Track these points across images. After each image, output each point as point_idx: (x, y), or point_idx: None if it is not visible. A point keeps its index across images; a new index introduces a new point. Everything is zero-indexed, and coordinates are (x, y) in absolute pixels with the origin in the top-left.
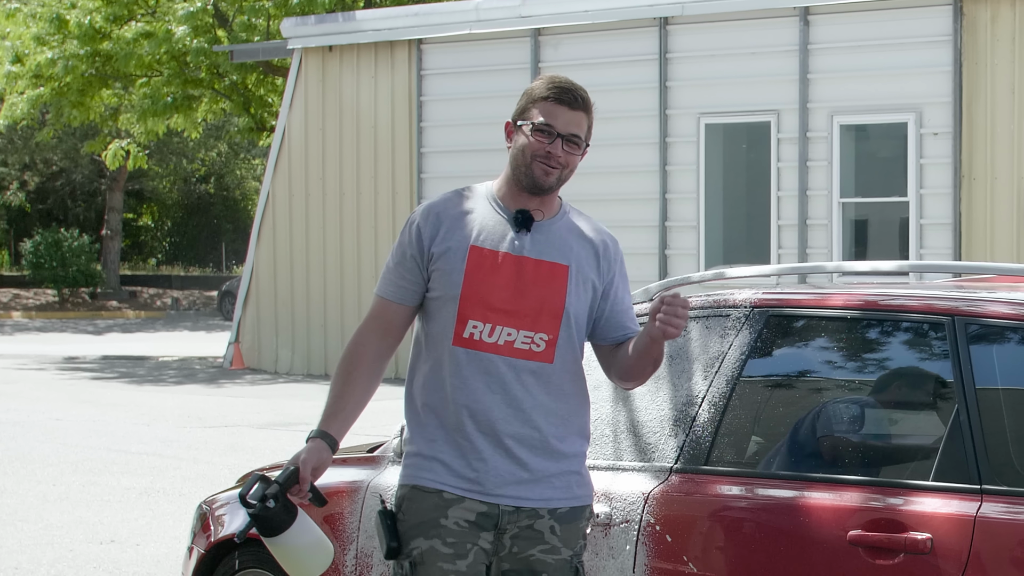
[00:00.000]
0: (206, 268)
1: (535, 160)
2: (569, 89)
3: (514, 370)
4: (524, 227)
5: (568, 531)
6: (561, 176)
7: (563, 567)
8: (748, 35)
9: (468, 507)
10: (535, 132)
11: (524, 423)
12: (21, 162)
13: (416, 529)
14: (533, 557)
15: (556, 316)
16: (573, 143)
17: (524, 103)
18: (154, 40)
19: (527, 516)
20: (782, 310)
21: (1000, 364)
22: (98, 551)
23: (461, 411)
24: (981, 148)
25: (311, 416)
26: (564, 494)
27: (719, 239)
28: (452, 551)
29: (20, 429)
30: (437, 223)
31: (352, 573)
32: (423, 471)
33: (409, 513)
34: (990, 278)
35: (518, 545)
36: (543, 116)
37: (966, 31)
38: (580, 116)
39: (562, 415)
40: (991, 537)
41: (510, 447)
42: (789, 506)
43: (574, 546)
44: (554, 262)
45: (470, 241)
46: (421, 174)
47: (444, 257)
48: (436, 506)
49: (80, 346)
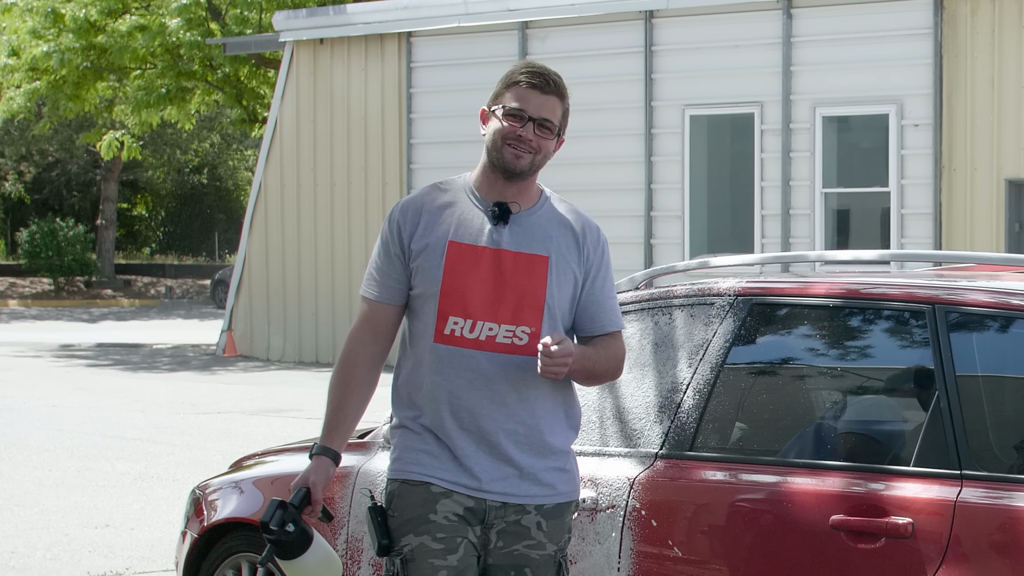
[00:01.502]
0: (199, 257)
1: (506, 143)
2: (541, 73)
3: (497, 365)
4: (502, 219)
5: (554, 526)
6: (534, 161)
7: (547, 562)
8: (732, 28)
9: (457, 500)
10: (506, 116)
11: (508, 418)
12: (18, 153)
13: (406, 526)
14: (518, 552)
15: (537, 308)
16: (545, 127)
17: (498, 89)
18: (148, 33)
19: (514, 511)
20: (765, 298)
21: (980, 351)
22: (93, 535)
23: (443, 408)
24: (961, 139)
25: (302, 402)
26: (550, 491)
27: (704, 229)
28: (443, 546)
29: (16, 415)
30: (416, 219)
31: (343, 556)
32: (411, 464)
33: (399, 509)
34: (970, 267)
35: (504, 540)
36: (515, 101)
37: (946, 24)
38: (553, 101)
39: (549, 408)
40: (971, 522)
41: (495, 443)
42: (772, 491)
43: (559, 540)
44: (533, 253)
45: (448, 236)
46: (411, 165)
47: (423, 254)
48: (425, 500)
49: (75, 334)
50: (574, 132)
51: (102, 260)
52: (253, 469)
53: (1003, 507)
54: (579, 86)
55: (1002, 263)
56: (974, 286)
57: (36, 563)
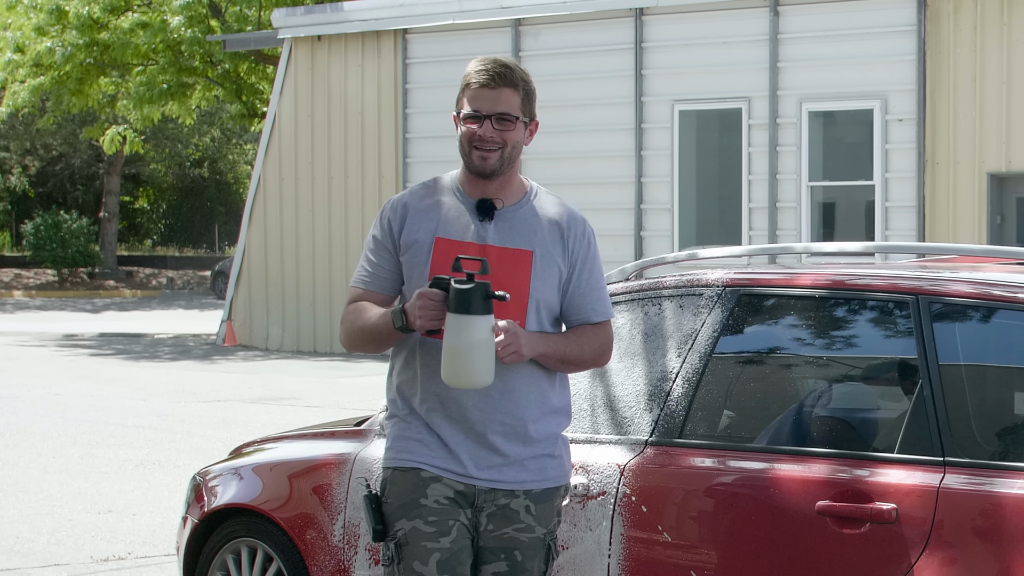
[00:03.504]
0: (200, 249)
1: (472, 147)
2: (487, 70)
3: None
4: (487, 216)
5: (543, 510)
6: (504, 155)
7: (536, 545)
8: (720, 25)
9: (447, 484)
10: (464, 121)
11: (495, 409)
12: (22, 148)
13: (399, 511)
14: (507, 535)
15: (522, 302)
16: (503, 120)
17: (458, 95)
18: (150, 30)
19: (503, 496)
20: (753, 289)
21: (962, 341)
22: (96, 521)
23: (432, 399)
24: (944, 134)
25: (300, 391)
26: (538, 476)
27: (692, 221)
28: (435, 529)
29: (21, 404)
30: (404, 216)
31: (340, 541)
32: (402, 453)
33: (392, 496)
34: (952, 258)
35: (493, 523)
36: (469, 104)
37: (929, 21)
38: (505, 92)
39: (535, 399)
40: (953, 507)
41: (482, 433)
42: (760, 477)
43: (548, 524)
44: (517, 248)
45: (435, 233)
46: (406, 158)
47: (412, 250)
48: (416, 486)
49: (79, 324)
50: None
51: (105, 252)
52: (252, 456)
53: (985, 493)
54: (571, 82)
55: (984, 255)
56: (957, 277)
57: (40, 548)
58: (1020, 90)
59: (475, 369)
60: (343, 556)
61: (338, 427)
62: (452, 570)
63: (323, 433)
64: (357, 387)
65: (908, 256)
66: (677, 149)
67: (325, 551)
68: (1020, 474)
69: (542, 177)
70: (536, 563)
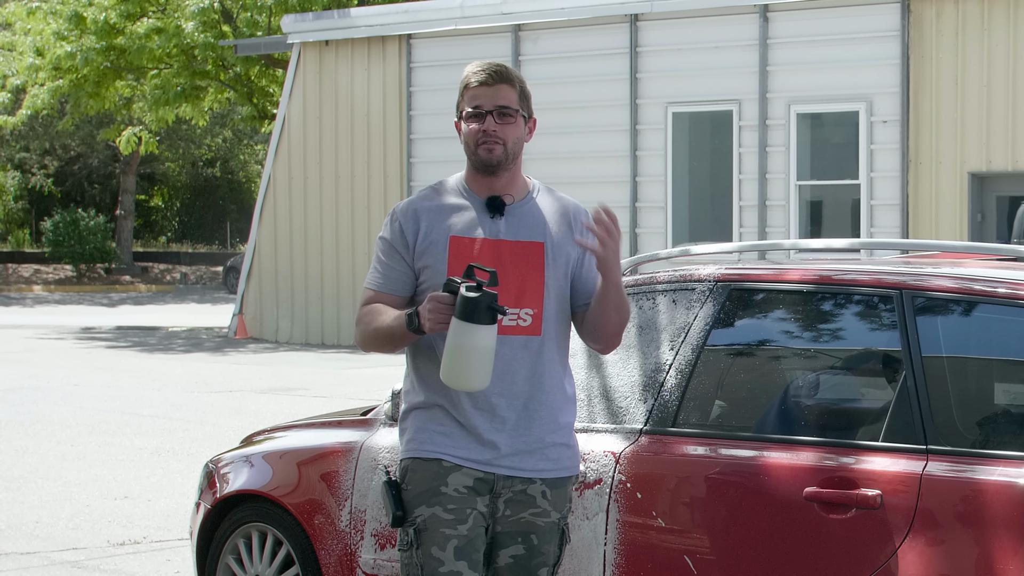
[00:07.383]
0: (212, 245)
1: (478, 145)
2: (484, 69)
3: (505, 344)
4: (498, 212)
5: (557, 495)
6: (508, 149)
7: (552, 529)
8: (712, 30)
9: (466, 473)
10: (467, 120)
11: (518, 395)
12: (42, 148)
13: (419, 498)
14: (524, 520)
15: (538, 291)
16: (504, 114)
17: (457, 99)
18: (164, 35)
19: (521, 482)
20: (743, 284)
21: (944, 334)
22: (112, 506)
23: (457, 391)
24: (927, 135)
25: (309, 382)
26: (555, 465)
27: (685, 219)
28: (453, 516)
29: (41, 394)
30: (417, 219)
31: (347, 527)
32: (424, 444)
33: (412, 483)
34: (935, 254)
35: (511, 508)
36: (470, 103)
37: (913, 27)
38: (502, 88)
39: (556, 384)
40: (936, 493)
41: (506, 419)
42: (750, 464)
43: (562, 509)
44: (529, 240)
45: (449, 232)
46: (410, 158)
47: (428, 252)
48: (436, 474)
49: (96, 317)
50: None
51: (121, 248)
52: (263, 444)
53: (966, 480)
54: (568, 85)
55: (965, 251)
56: (939, 272)
57: (59, 532)
58: (1000, 93)
59: (472, 374)
60: (350, 540)
61: (345, 416)
62: (468, 556)
63: (331, 422)
64: (363, 378)
65: (892, 252)
66: (670, 149)
67: (332, 536)
68: (1000, 462)
69: (541, 177)
70: (551, 547)
